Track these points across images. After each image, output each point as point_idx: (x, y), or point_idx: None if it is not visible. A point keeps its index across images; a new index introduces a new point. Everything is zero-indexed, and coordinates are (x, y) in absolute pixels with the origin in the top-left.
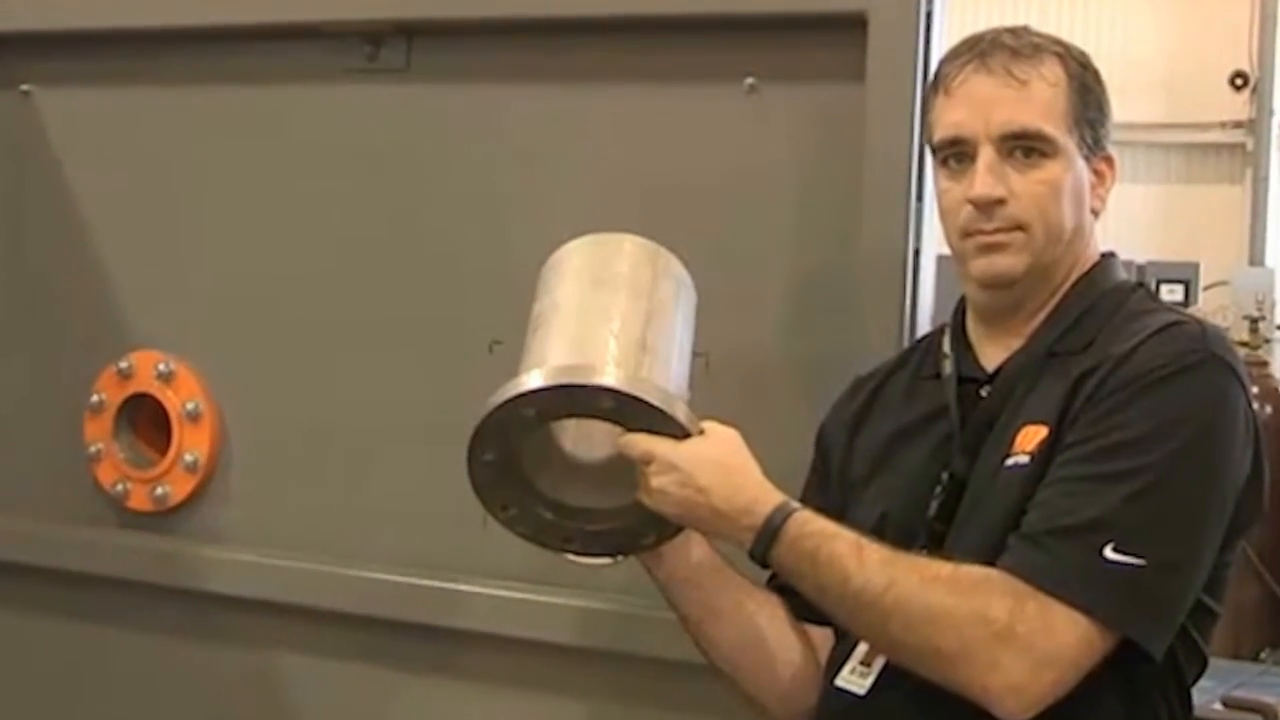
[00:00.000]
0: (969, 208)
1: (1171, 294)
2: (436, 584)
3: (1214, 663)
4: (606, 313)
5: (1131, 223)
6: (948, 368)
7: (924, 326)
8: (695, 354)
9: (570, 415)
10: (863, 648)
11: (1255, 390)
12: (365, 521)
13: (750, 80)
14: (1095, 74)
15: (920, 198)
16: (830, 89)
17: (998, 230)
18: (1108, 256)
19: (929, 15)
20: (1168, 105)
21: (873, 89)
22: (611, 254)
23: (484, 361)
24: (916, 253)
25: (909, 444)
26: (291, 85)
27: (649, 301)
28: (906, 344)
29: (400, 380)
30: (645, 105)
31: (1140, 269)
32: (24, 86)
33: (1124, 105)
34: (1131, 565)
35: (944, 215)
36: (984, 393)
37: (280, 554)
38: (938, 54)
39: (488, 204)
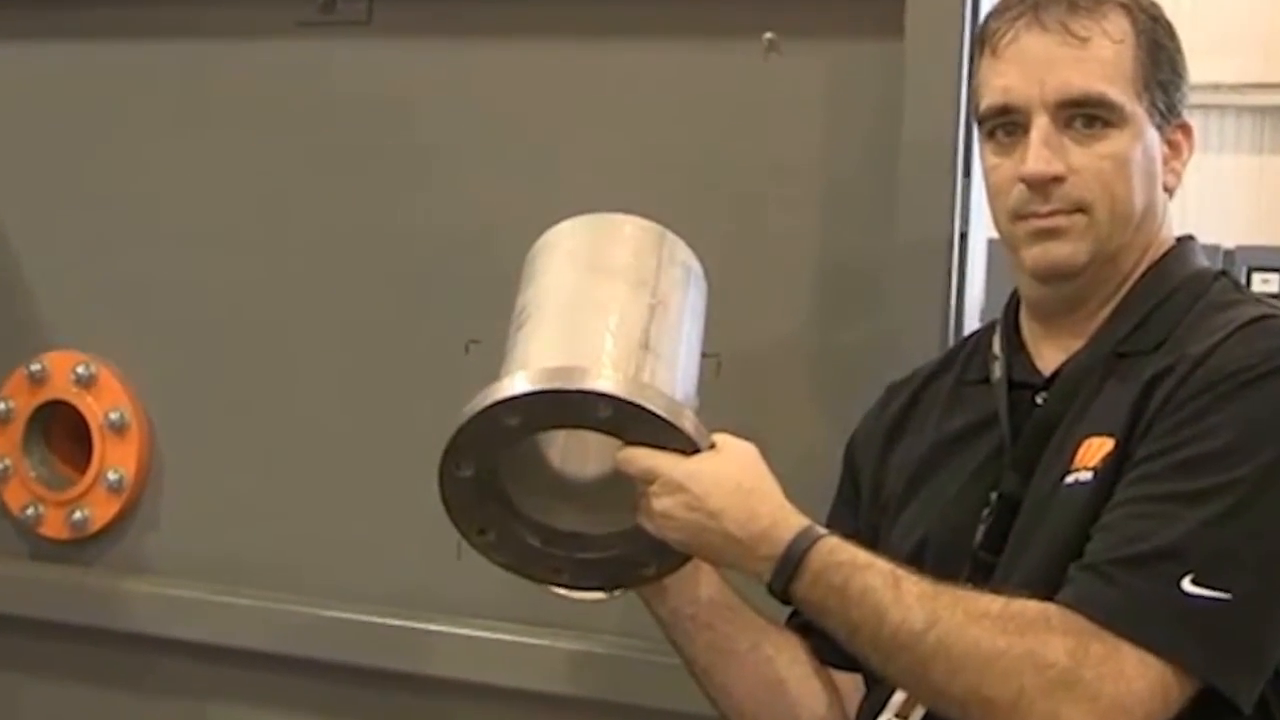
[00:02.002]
0: (1021, 187)
1: (1265, 284)
2: (404, 623)
3: None
4: (603, 306)
5: (1218, 201)
6: (998, 371)
7: (972, 323)
8: (706, 355)
9: (560, 425)
10: (899, 696)
11: None
12: (320, 551)
13: (769, 36)
14: (1168, 28)
15: (968, 173)
16: (862, 46)
17: (1055, 213)
18: (1184, 241)
19: None
20: (1264, 63)
21: (913, 46)
22: (609, 238)
23: (459, 363)
24: (963, 237)
25: (952, 459)
26: (234, 41)
27: (652, 293)
28: (950, 344)
29: (362, 385)
30: (644, 65)
31: (1228, 255)
32: None
33: (1211, 63)
34: (1214, 600)
35: (992, 195)
36: (1040, 399)
37: (221, 589)
38: (988, 5)
39: (464, 180)
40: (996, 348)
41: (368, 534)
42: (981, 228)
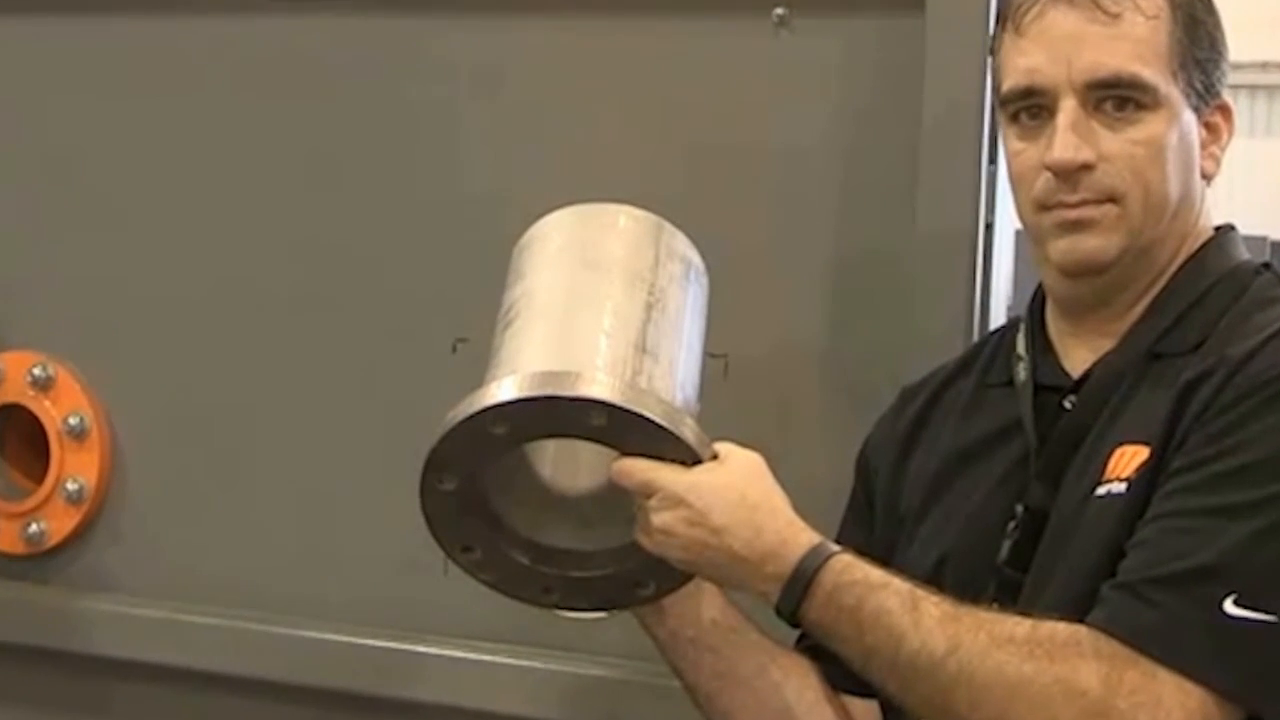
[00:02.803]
0: (1047, 175)
1: None
2: (386, 644)
3: None
4: (596, 305)
5: (1266, 189)
6: (1022, 373)
7: (997, 321)
8: (709, 357)
9: (551, 435)
10: None
11: None
12: (296, 567)
13: (779, 11)
14: (1206, 1)
15: (994, 159)
16: (879, 22)
17: (1084, 203)
18: (1224, 232)
19: None
20: None
21: (934, 21)
22: (603, 229)
23: (444, 365)
24: (988, 228)
25: (973, 469)
26: (201, 19)
27: (649, 290)
28: (972, 343)
29: (341, 388)
30: (645, 42)
31: (1275, 247)
32: None
33: (1257, 39)
34: (1258, 622)
35: (1016, 184)
36: (1068, 404)
37: (188, 608)
38: None
39: (452, 165)
40: (1021, 348)
41: (347, 548)
42: (1007, 218)
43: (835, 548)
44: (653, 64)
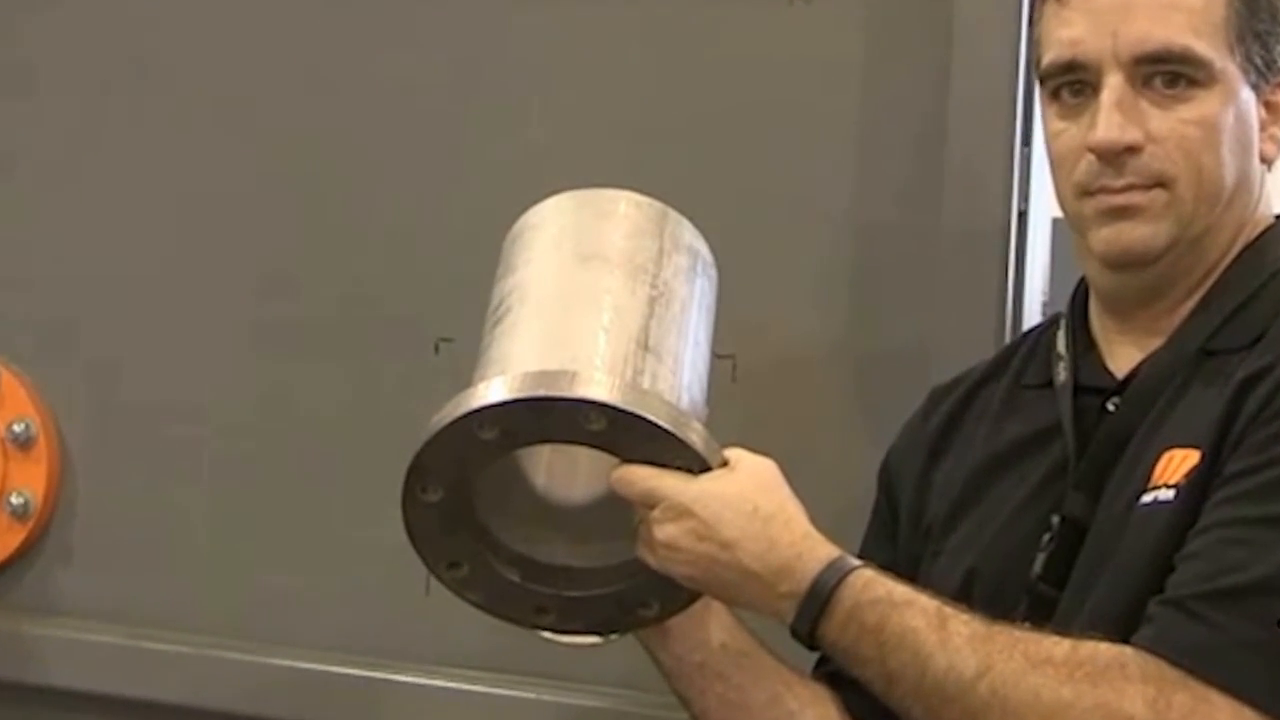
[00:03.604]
0: (1090, 158)
1: None
2: (361, 673)
3: None
4: (594, 299)
5: None
6: (1062, 373)
7: (1032, 318)
8: (718, 356)
9: (545, 440)
10: None
11: None
12: (263, 588)
13: None
14: None
15: (1028, 141)
16: None
17: (1130, 188)
18: None
19: None
20: None
21: None
22: (601, 217)
23: (428, 366)
24: (1022, 216)
25: (1007, 476)
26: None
27: (652, 283)
28: (1007, 342)
29: (312, 392)
30: (649, 13)
31: None
32: None
33: None
34: None
35: (1056, 167)
36: (1111, 406)
37: (144, 634)
38: None
39: (433, 148)
40: (1061, 346)
41: (319, 567)
42: (1044, 205)
43: (856, 562)
44: (660, 40)
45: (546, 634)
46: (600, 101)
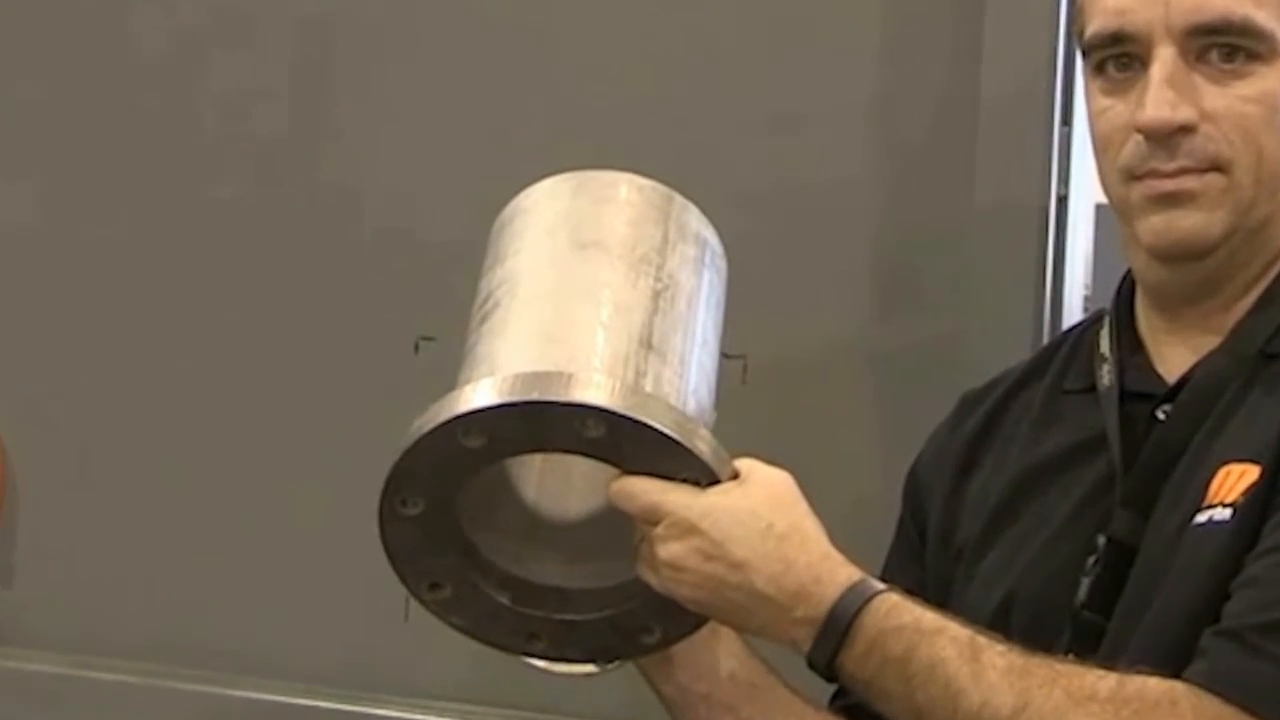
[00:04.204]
0: (1138, 138)
1: None
2: (335, 706)
3: None
4: (592, 292)
5: None
6: (1106, 377)
7: (1074, 314)
8: (727, 356)
9: (537, 449)
10: None
11: None
12: (227, 613)
13: None
14: None
15: (1068, 120)
16: None
17: (1182, 172)
18: None
19: None
20: None
21: None
22: (601, 202)
23: (407, 367)
24: (1062, 202)
25: (1046, 491)
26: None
27: (657, 276)
28: (1045, 340)
29: (280, 397)
30: None
31: None
32: None
33: None
34: None
35: (1100, 149)
36: (1161, 414)
37: (98, 663)
38: None
39: (411, 130)
40: (1105, 347)
41: (287, 590)
42: (1086, 190)
43: (879, 586)
44: (663, 10)
45: (538, 662)
46: (598, 81)
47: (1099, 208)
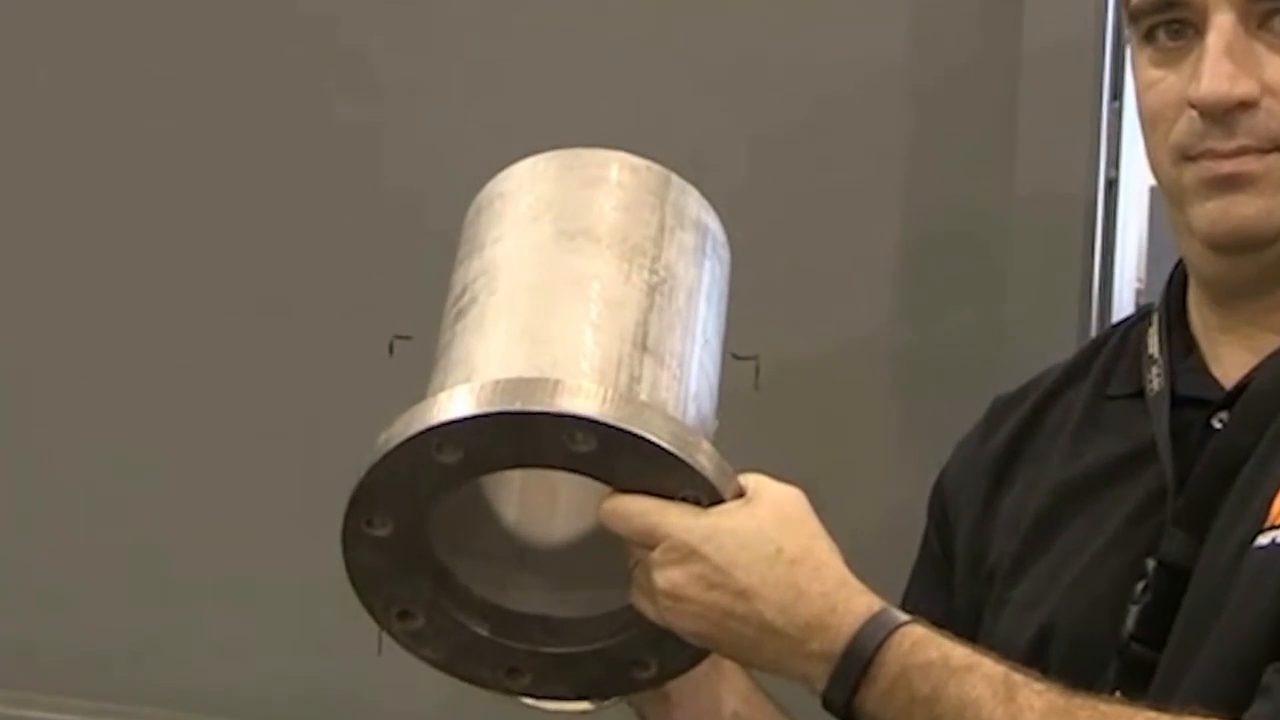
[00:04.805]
0: (1192, 114)
1: None
2: None
3: None
4: (581, 287)
5: None
6: (1156, 381)
7: (1123, 309)
8: (735, 358)
9: (519, 464)
10: None
11: None
12: (183, 645)
13: None
14: None
15: (1118, 94)
16: None
17: (1241, 152)
18: None
19: None
20: None
21: None
22: (590, 184)
23: (378, 369)
24: (1111, 185)
25: (1089, 508)
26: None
27: (653, 268)
28: (1089, 339)
29: (238, 405)
30: None
31: None
32: None
33: None
34: None
35: (1150, 126)
36: (1218, 422)
37: (41, 701)
38: None
39: (383, 112)
40: (1154, 347)
41: (249, 620)
42: (1138, 171)
43: (903, 617)
44: None
45: (525, 699)
46: (594, 49)
47: (1154, 191)
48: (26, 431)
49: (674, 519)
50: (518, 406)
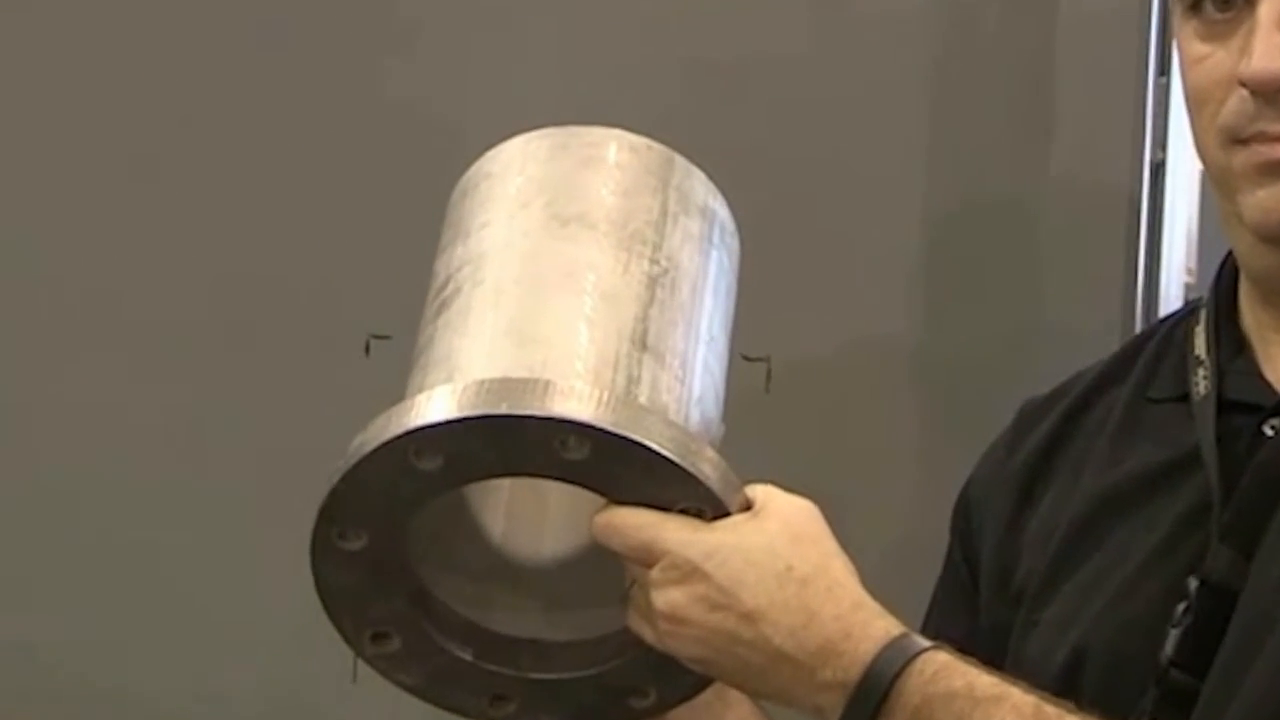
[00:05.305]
0: (1242, 93)
1: None
2: None
3: None
4: (575, 278)
5: None
6: (1203, 384)
7: (1171, 304)
8: (744, 358)
9: (505, 473)
10: None
11: None
12: (143, 670)
13: None
14: None
15: (1165, 70)
16: None
17: None
18: None
19: None
20: None
21: None
22: (585, 165)
23: (354, 370)
24: (1157, 169)
25: (1126, 522)
26: None
27: (654, 258)
28: (1130, 337)
29: (205, 409)
30: None
31: None
32: None
33: None
34: None
35: (1196, 106)
36: (1270, 429)
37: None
38: None
39: (359, 99)
40: (1200, 347)
41: (207, 643)
42: (1185, 154)
43: (924, 642)
44: None
45: None
46: (589, 26)
47: (1204, 175)
48: (32, 460)
49: (675, 534)
50: (504, 409)
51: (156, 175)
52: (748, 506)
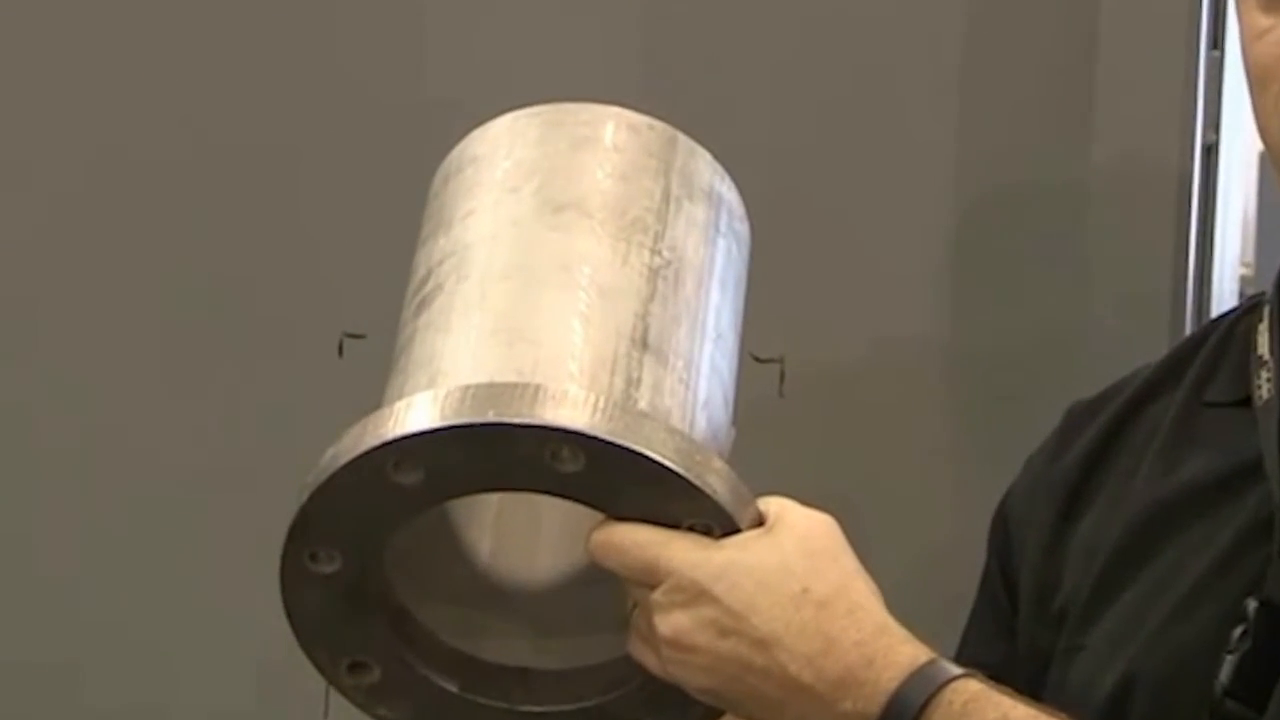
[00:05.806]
0: None
1: None
2: None
3: None
4: (569, 272)
5: None
6: (1266, 387)
7: (1226, 300)
8: (755, 359)
9: (493, 487)
10: None
11: None
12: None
13: None
14: None
15: (1218, 44)
16: None
17: None
18: None
19: None
20: None
21: None
22: (579, 146)
23: (328, 372)
24: (1209, 153)
25: (1180, 537)
26: None
27: (655, 248)
28: (1184, 334)
29: (170, 414)
30: None
31: None
32: None
33: None
34: None
35: (1258, 82)
36: None
37: None
38: None
39: (332, 84)
40: (1264, 346)
41: (168, 672)
42: (1244, 135)
43: (954, 670)
44: None
45: None
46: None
47: (1262, 158)
48: None
49: (680, 553)
50: (490, 417)
51: (121, 170)
52: (760, 522)
